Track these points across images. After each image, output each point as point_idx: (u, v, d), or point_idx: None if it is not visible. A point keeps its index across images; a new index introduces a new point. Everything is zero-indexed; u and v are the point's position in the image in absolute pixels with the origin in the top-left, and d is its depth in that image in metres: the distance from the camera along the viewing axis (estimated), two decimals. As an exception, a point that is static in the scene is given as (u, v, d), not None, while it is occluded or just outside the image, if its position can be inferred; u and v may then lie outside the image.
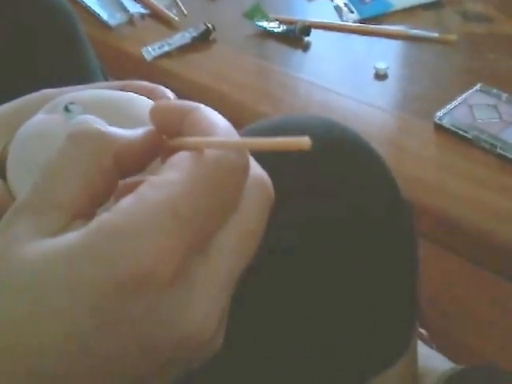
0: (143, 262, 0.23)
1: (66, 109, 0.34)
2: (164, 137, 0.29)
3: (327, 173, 0.48)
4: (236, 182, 0.27)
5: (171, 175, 0.25)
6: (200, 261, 0.26)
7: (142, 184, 0.25)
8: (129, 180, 0.29)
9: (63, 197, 0.26)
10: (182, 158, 0.26)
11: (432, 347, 0.96)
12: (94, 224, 0.24)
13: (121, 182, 0.28)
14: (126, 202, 0.25)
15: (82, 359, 0.24)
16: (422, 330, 0.99)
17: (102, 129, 0.28)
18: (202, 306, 0.25)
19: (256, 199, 0.28)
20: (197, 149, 0.26)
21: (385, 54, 0.90)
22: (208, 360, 0.29)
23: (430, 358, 0.91)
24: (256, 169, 0.29)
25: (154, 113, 0.29)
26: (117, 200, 0.26)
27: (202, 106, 0.28)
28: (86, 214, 0.27)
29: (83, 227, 0.25)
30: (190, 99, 0.28)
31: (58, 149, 0.27)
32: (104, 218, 0.24)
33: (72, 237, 0.24)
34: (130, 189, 0.26)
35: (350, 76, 0.88)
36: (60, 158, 0.27)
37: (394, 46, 0.92)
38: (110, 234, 0.24)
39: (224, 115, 0.28)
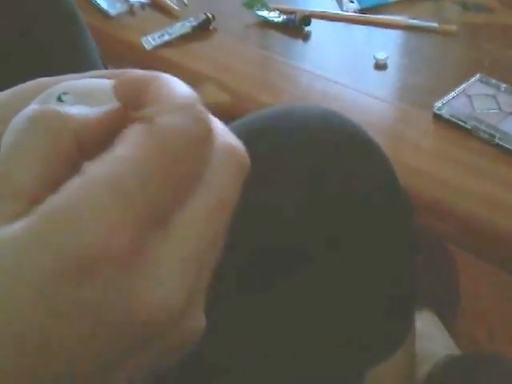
0: (88, 242, 0.22)
1: (59, 99, 0.34)
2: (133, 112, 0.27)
3: (325, 162, 0.48)
4: (196, 152, 0.25)
5: (117, 150, 0.24)
6: (160, 237, 0.24)
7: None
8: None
9: (20, 183, 0.25)
10: (130, 131, 0.25)
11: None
12: (39, 209, 0.23)
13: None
14: (71, 182, 0.23)
15: (35, 351, 0.23)
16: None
17: (58, 109, 0.26)
18: (165, 282, 0.24)
19: (224, 168, 0.26)
20: (148, 119, 0.25)
21: (385, 44, 0.90)
22: (188, 349, 0.28)
23: (429, 341, 0.91)
24: (225, 137, 0.27)
25: (116, 87, 0.27)
26: None
27: (163, 74, 0.27)
28: (46, 198, 0.25)
29: None
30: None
31: (14, 133, 0.26)
32: (48, 201, 0.23)
33: (20, 224, 0.23)
34: None
35: (350, 66, 0.88)
36: (17, 142, 0.26)
37: (394, 36, 0.92)
38: (53, 218, 0.23)
39: (224, 105, 0.28)
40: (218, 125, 0.28)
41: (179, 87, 0.27)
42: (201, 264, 0.25)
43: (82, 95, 0.34)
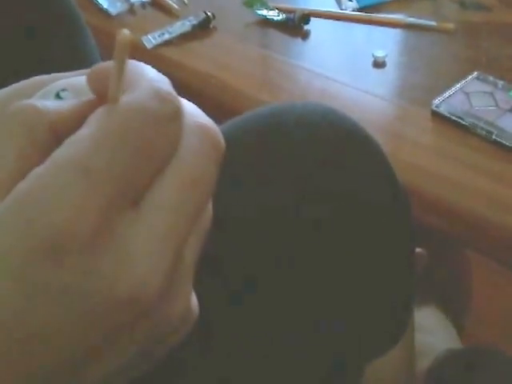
0: (54, 224, 0.22)
1: (58, 96, 0.34)
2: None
3: (324, 159, 0.49)
4: (163, 132, 0.25)
5: (82, 131, 0.24)
6: (132, 217, 0.24)
7: None
8: None
9: None
10: (94, 114, 0.25)
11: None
12: (9, 196, 0.24)
13: None
14: (37, 168, 0.24)
15: (10, 335, 0.23)
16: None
17: (34, 103, 0.27)
18: (139, 263, 0.24)
19: (196, 147, 0.26)
20: (112, 101, 0.25)
21: (383, 42, 0.91)
22: (180, 339, 0.28)
23: (431, 336, 0.91)
24: (198, 117, 0.27)
25: (89, 78, 0.28)
26: None
27: (132, 61, 0.27)
28: None
29: None
30: (190, 87, 0.28)
31: None
32: (17, 186, 0.24)
33: None
34: None
35: (349, 64, 0.88)
36: None
37: (393, 34, 0.93)
38: (20, 202, 0.23)
39: (224, 103, 0.28)
40: (189, 106, 0.28)
41: (147, 71, 0.27)
42: (179, 243, 0.25)
43: (80, 91, 0.34)
